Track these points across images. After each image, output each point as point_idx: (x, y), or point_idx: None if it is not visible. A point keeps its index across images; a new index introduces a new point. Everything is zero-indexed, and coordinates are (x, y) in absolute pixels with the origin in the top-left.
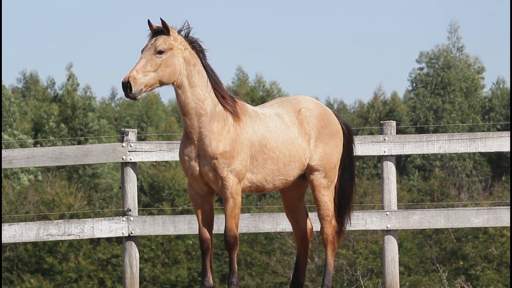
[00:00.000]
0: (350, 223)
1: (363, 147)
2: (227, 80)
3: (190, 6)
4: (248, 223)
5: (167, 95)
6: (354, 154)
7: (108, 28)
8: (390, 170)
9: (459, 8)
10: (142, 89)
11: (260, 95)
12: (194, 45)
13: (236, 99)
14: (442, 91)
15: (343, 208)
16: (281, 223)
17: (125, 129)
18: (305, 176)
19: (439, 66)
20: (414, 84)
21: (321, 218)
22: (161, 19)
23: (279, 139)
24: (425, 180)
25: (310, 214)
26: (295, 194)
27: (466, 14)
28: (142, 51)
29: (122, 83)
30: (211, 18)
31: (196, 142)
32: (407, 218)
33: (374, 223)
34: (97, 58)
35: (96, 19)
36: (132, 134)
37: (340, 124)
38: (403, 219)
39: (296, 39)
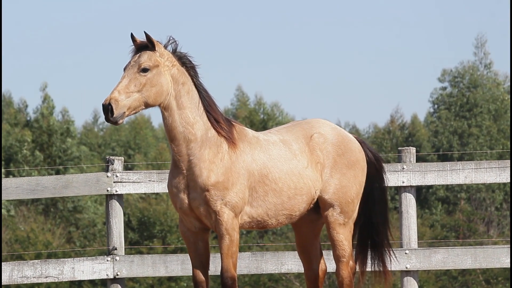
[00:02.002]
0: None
1: None
2: (225, 101)
3: (185, 22)
4: (249, 263)
5: (158, 118)
6: (386, 184)
7: (87, 43)
8: (409, 203)
9: (486, 20)
10: (125, 112)
11: (260, 118)
12: (184, 61)
13: (233, 123)
14: (468, 114)
15: (379, 246)
16: (286, 263)
17: (110, 157)
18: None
19: (464, 85)
20: (436, 106)
21: (336, 259)
22: (145, 32)
23: (283, 169)
24: (449, 214)
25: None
26: (310, 231)
27: (494, 27)
28: (124, 69)
29: (103, 105)
30: (208, 33)
31: (185, 172)
32: (429, 257)
33: (392, 262)
34: (75, 77)
35: (73, 34)
36: (118, 163)
37: (365, 152)
38: (425, 258)
39: (300, 54)
